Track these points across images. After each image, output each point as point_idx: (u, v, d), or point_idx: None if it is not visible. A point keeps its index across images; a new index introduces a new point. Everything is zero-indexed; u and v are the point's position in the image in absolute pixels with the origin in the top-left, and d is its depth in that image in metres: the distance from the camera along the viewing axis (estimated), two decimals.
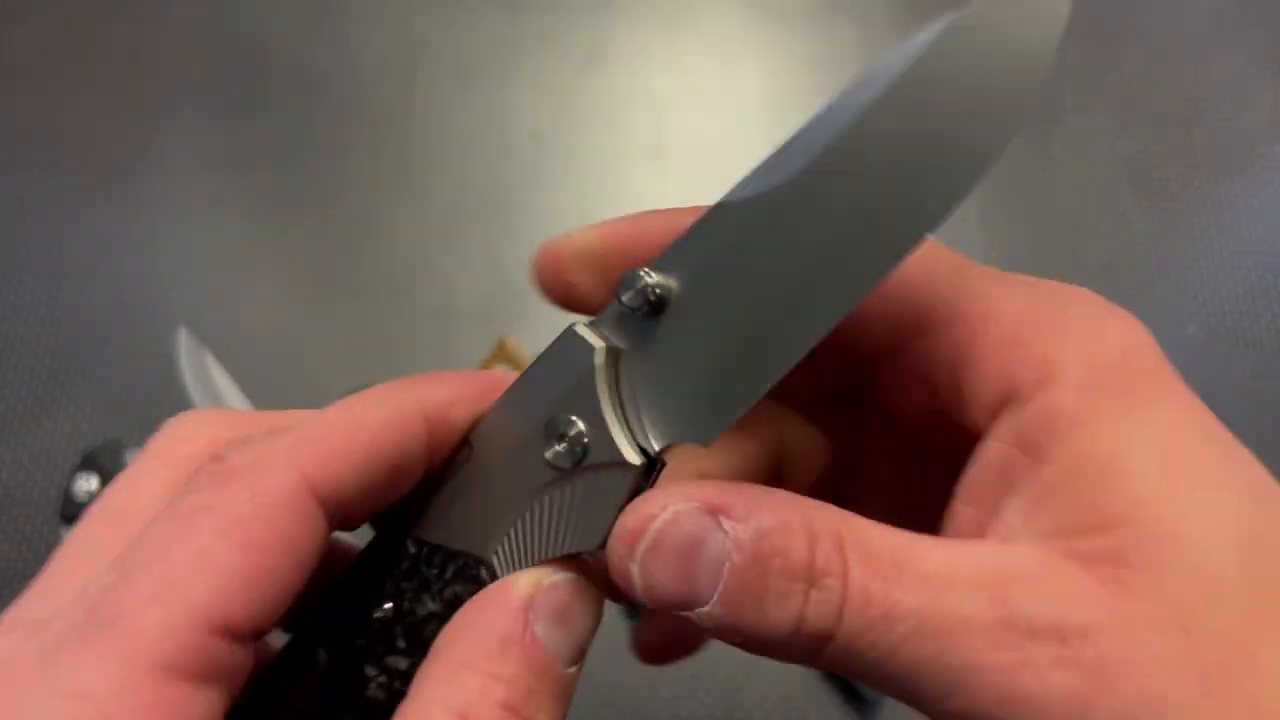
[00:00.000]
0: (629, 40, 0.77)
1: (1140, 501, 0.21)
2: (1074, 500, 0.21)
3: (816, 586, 0.21)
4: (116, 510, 0.24)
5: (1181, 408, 0.23)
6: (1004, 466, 0.23)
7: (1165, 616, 0.20)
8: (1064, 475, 0.22)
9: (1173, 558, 0.21)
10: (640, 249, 0.25)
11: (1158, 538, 0.21)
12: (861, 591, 0.21)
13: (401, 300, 0.68)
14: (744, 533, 0.21)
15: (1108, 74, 0.75)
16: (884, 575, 0.21)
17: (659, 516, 0.22)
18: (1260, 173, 0.72)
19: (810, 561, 0.21)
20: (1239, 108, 0.74)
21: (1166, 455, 0.22)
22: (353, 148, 0.73)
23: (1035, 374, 0.23)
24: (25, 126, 0.74)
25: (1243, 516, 0.21)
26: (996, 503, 0.23)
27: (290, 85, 0.75)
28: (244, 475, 0.22)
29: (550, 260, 0.27)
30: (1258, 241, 0.70)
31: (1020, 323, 0.24)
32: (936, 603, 0.20)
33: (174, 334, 0.67)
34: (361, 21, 0.77)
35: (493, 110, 0.74)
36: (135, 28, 0.77)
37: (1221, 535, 0.21)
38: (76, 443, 0.64)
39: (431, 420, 0.24)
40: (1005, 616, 0.20)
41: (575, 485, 0.23)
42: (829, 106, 0.23)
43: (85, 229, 0.71)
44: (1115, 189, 0.72)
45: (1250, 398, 0.64)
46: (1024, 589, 0.21)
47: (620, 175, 0.72)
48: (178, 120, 0.74)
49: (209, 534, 0.21)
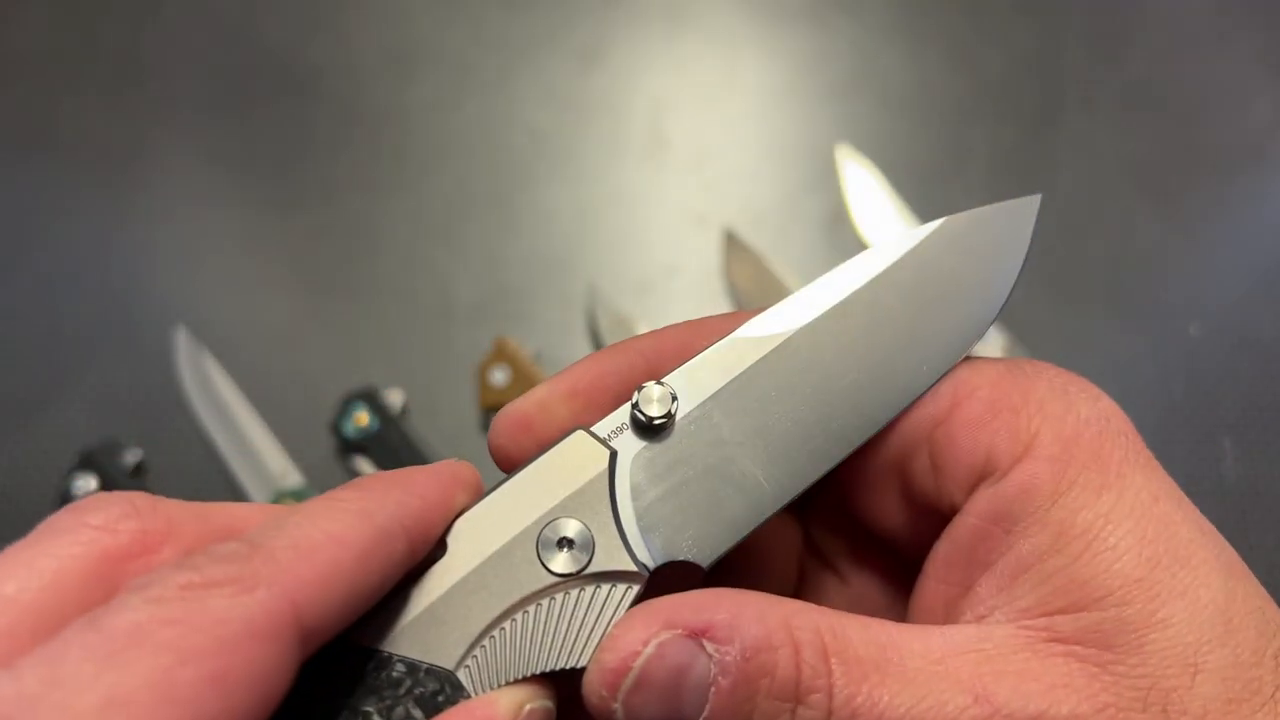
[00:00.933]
0: (628, 39, 0.77)
1: (1121, 581, 0.21)
2: (1053, 577, 0.22)
3: (804, 704, 0.21)
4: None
5: (1155, 479, 0.23)
6: (978, 542, 0.23)
7: (1147, 700, 0.20)
8: (1042, 550, 0.22)
9: (1153, 639, 0.21)
10: (602, 397, 0.25)
11: (1140, 619, 0.21)
12: (847, 704, 0.21)
13: (400, 299, 0.68)
14: (729, 655, 0.21)
15: (1109, 74, 0.75)
16: (868, 680, 0.21)
17: (643, 653, 0.21)
18: (1262, 173, 0.72)
19: (796, 678, 0.21)
20: (1241, 107, 0.74)
21: (1144, 531, 0.22)
22: (351, 147, 0.73)
23: (1013, 448, 0.23)
24: (21, 124, 0.74)
25: (1218, 596, 0.22)
26: (969, 579, 0.23)
27: (288, 84, 0.75)
28: (223, 589, 0.19)
29: (515, 423, 0.25)
30: (1259, 241, 0.70)
31: (994, 399, 0.24)
32: (921, 705, 0.20)
33: (172, 333, 0.67)
34: (360, 20, 0.77)
35: (491, 109, 0.74)
36: (132, 26, 0.77)
37: (1199, 616, 0.21)
38: (74, 443, 0.64)
39: (412, 535, 0.22)
40: (987, 712, 0.20)
41: (571, 594, 0.22)
42: (839, 270, 0.26)
43: (83, 228, 0.70)
44: (1117, 189, 0.71)
45: (1250, 398, 0.64)
46: (1007, 683, 0.21)
47: (619, 174, 0.72)
48: (176, 120, 0.74)
49: (171, 658, 0.17)
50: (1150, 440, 0.24)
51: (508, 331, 0.67)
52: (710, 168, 0.72)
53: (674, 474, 0.24)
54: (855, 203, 0.71)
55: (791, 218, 0.71)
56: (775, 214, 0.71)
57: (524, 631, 0.22)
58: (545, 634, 0.22)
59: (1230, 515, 0.62)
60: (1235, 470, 0.63)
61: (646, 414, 0.23)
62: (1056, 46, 0.76)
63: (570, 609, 0.22)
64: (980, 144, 0.73)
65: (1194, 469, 0.63)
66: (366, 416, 0.62)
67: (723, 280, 0.69)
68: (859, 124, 0.74)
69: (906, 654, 0.21)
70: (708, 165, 0.72)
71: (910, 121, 0.74)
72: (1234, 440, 0.63)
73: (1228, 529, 0.23)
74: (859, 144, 0.73)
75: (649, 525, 0.23)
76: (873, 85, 0.75)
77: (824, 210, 0.71)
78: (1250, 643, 0.21)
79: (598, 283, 0.68)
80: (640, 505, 0.23)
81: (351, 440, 0.61)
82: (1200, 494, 0.23)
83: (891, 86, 0.75)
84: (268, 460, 0.62)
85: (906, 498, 0.26)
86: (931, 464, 0.25)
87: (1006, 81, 0.75)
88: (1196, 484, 0.63)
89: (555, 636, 0.22)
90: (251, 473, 0.62)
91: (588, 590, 0.22)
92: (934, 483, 0.25)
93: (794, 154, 0.73)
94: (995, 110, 0.74)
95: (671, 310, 0.68)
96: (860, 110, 0.74)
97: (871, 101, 0.74)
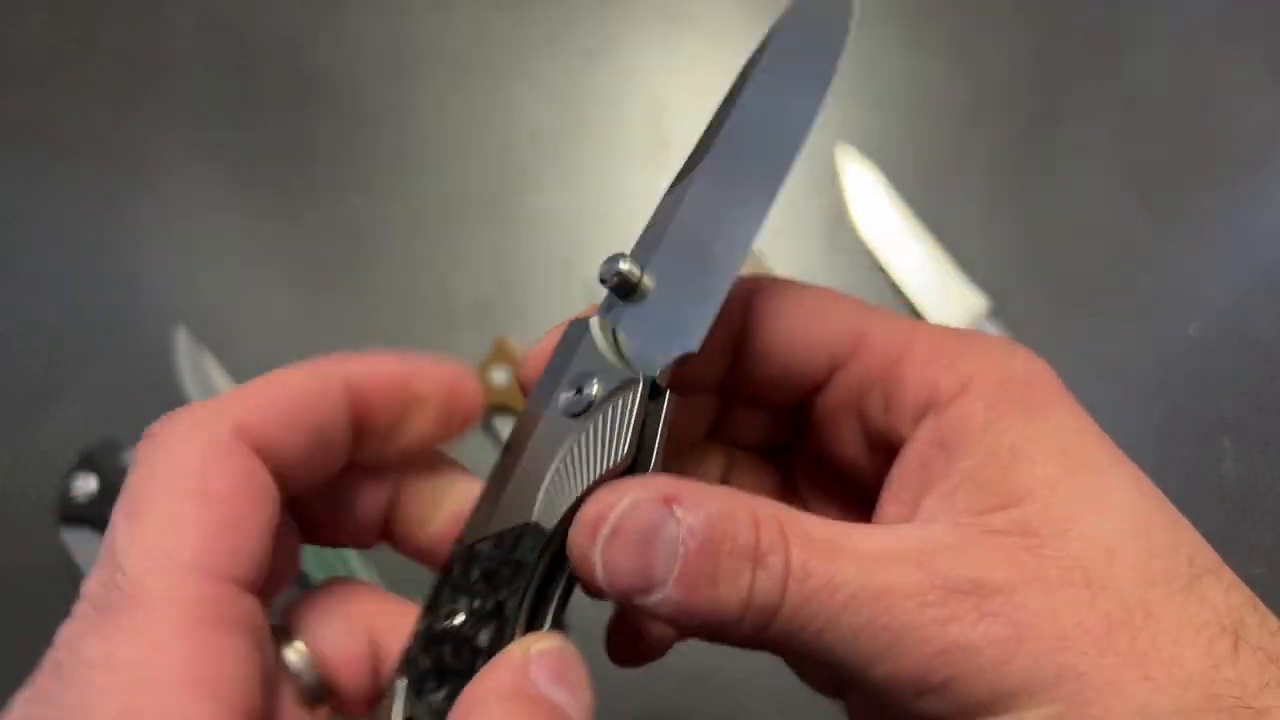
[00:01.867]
0: (628, 39, 0.77)
1: (1043, 483, 0.24)
2: (985, 486, 0.25)
3: (762, 565, 0.23)
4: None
5: (1077, 418, 0.26)
6: (924, 464, 0.26)
7: (1070, 574, 0.23)
8: (976, 466, 0.25)
9: (1074, 527, 0.24)
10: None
11: (1059, 511, 0.24)
12: (802, 567, 0.23)
13: (400, 299, 0.69)
14: (695, 519, 0.23)
15: (1109, 75, 0.75)
16: (822, 554, 0.23)
17: (618, 505, 0.24)
18: (1262, 174, 0.72)
19: (755, 543, 0.23)
20: (1241, 109, 0.74)
21: (1064, 450, 0.25)
22: (352, 147, 0.73)
23: (953, 385, 0.26)
24: (22, 124, 0.74)
25: (1131, 500, 0.25)
26: (917, 499, 0.26)
27: (289, 84, 0.75)
28: (183, 434, 0.23)
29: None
30: (1259, 242, 0.70)
31: (939, 346, 0.28)
32: (870, 573, 0.23)
33: (172, 333, 0.67)
34: (360, 20, 0.78)
35: (492, 109, 0.75)
36: (133, 27, 0.77)
37: (1114, 513, 0.24)
38: (74, 442, 0.64)
39: (353, 390, 0.26)
40: (931, 579, 0.23)
41: (596, 420, 0.26)
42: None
43: (83, 228, 0.71)
44: (1116, 189, 0.72)
45: (1250, 398, 0.64)
46: (947, 557, 0.23)
47: (620, 174, 0.72)
48: (177, 120, 0.74)
49: (167, 496, 0.23)
50: (1150, 440, 0.25)
51: (508, 331, 0.67)
52: None
53: (650, 309, 0.28)
54: (855, 204, 0.71)
55: (791, 218, 0.71)
56: (775, 214, 0.70)
57: (572, 463, 0.26)
58: (588, 455, 0.26)
59: (1230, 515, 0.62)
60: (1235, 470, 0.63)
61: (611, 280, 0.29)
62: (1056, 48, 0.76)
63: (599, 430, 0.26)
64: (980, 145, 0.73)
65: (1194, 469, 0.63)
66: None
67: None
68: (859, 125, 0.74)
69: (858, 540, 0.24)
70: None
71: (910, 123, 0.74)
72: (1234, 440, 0.63)
73: (1228, 529, 0.24)
74: (859, 145, 0.73)
75: (641, 350, 0.27)
76: (872, 87, 0.75)
77: (823, 211, 0.71)
78: (1164, 540, 0.24)
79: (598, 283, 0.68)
80: (630, 343, 0.28)
81: None
82: (1200, 494, 0.24)
83: (891, 88, 0.75)
84: None
85: (865, 435, 0.30)
86: (884, 402, 0.28)
87: (1006, 83, 0.75)
88: (1196, 484, 0.64)
89: (596, 453, 0.25)
90: None
91: (606, 409, 0.26)
92: (885, 418, 0.28)
93: None
94: (995, 112, 0.74)
95: None
96: (860, 111, 0.74)
97: (871, 103, 0.75)
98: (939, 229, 0.70)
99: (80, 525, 0.60)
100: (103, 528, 0.60)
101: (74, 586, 0.22)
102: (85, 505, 0.60)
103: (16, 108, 0.75)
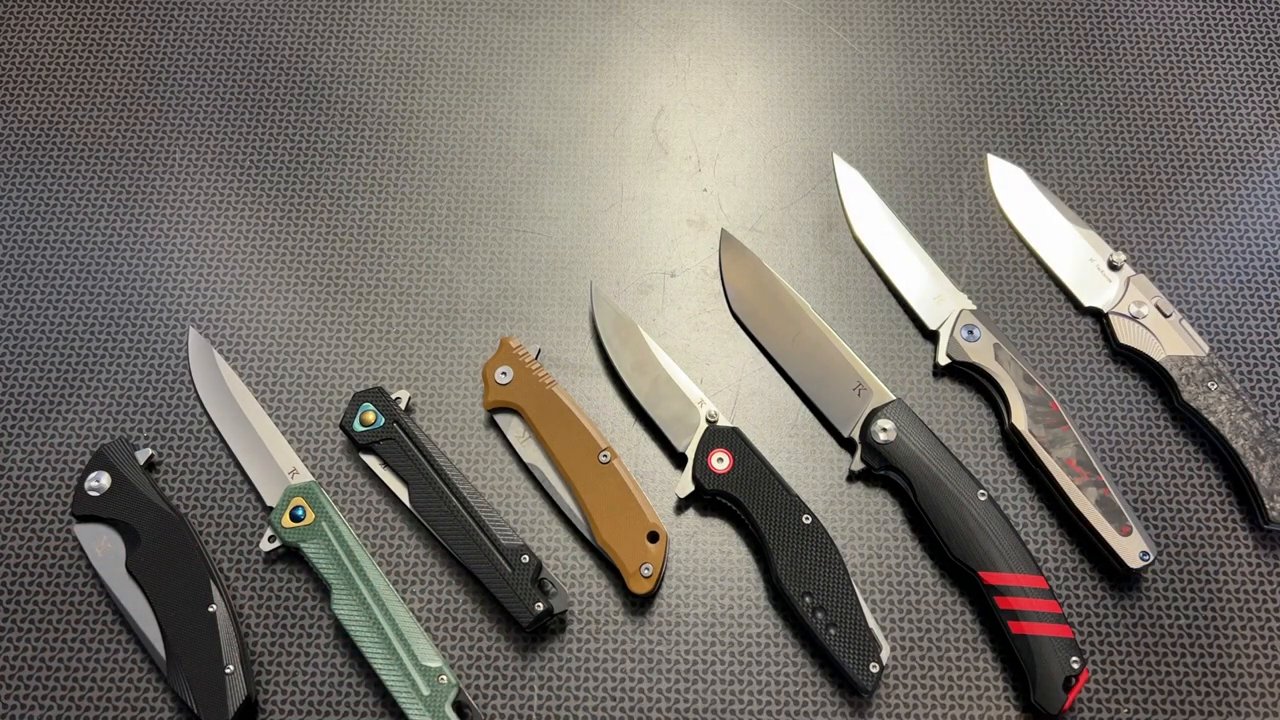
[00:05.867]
0: (628, 48, 0.78)
1: None
2: None
3: None
4: None
5: None
6: None
7: None
8: None
9: None
10: None
11: None
12: None
13: (407, 301, 0.69)
14: None
15: (1098, 80, 0.77)
16: None
17: None
18: (1248, 176, 0.73)
19: None
20: (1227, 113, 0.75)
21: None
22: (359, 152, 0.74)
23: None
24: (36, 128, 0.75)
25: None
26: None
27: (297, 90, 0.76)
28: None
29: None
30: (1247, 244, 0.71)
31: None
32: None
33: (183, 334, 0.68)
34: (367, 27, 0.78)
35: (496, 115, 0.76)
36: (146, 33, 0.78)
37: None
38: (87, 441, 0.65)
39: None
40: None
41: None
42: None
43: (96, 231, 0.71)
44: (1106, 192, 0.73)
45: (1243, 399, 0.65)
46: None
47: (620, 178, 0.73)
48: (189, 125, 0.75)
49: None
50: (1144, 438, 0.25)
51: (512, 332, 0.68)
52: (708, 173, 0.73)
53: None
54: (850, 207, 0.72)
55: (788, 221, 0.72)
56: (772, 218, 0.72)
57: None
58: None
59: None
60: None
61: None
62: (1045, 55, 0.78)
63: None
64: (971, 150, 0.74)
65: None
66: (374, 415, 0.63)
67: (720, 282, 0.70)
68: (853, 130, 0.75)
69: None
70: (706, 171, 0.73)
71: (903, 128, 0.75)
72: None
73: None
74: (853, 150, 0.74)
75: None
76: (866, 93, 0.76)
77: (819, 214, 0.72)
78: None
79: (599, 284, 0.69)
80: None
81: (360, 438, 0.62)
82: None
83: (885, 94, 0.76)
84: (277, 458, 0.63)
85: None
86: None
87: (996, 89, 0.76)
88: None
89: None
90: (261, 471, 0.63)
91: None
92: None
93: (790, 160, 0.74)
94: (985, 117, 0.75)
95: (671, 310, 0.69)
96: (854, 117, 0.75)
97: (865, 109, 0.76)
98: (929, 232, 0.71)
99: (93, 521, 0.61)
100: (114, 524, 0.61)
101: (86, 580, 0.21)
102: (98, 501, 0.61)
103: (30, 111, 0.75)
